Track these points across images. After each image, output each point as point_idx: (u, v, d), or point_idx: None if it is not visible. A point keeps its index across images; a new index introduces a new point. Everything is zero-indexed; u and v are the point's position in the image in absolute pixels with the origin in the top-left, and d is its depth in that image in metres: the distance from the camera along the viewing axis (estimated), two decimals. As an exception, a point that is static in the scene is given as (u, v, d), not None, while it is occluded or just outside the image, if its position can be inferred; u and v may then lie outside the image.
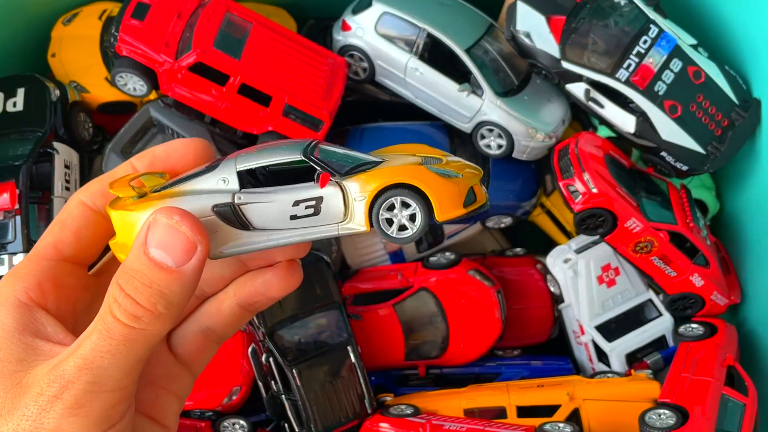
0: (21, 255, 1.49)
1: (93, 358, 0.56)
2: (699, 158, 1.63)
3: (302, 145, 0.67)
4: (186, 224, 0.57)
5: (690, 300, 1.70)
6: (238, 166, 0.66)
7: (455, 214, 0.66)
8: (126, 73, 1.63)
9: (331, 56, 1.73)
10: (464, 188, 0.66)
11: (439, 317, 1.71)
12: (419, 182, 0.65)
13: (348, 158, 0.69)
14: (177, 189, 0.66)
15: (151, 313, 0.56)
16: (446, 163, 0.70)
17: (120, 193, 0.65)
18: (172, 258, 0.57)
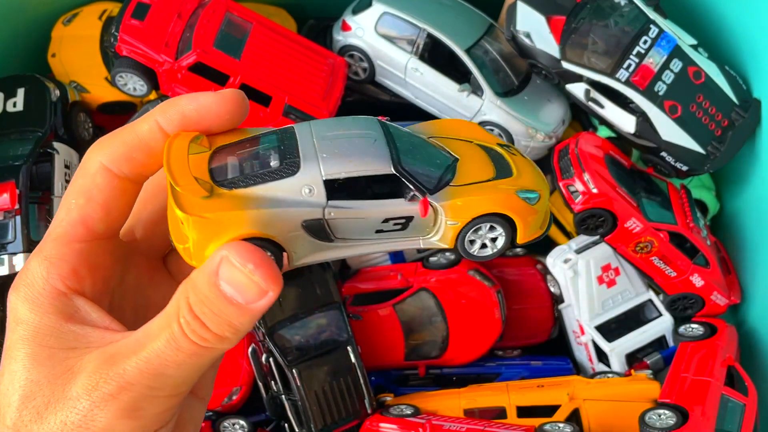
0: (21, 255, 1.49)
1: (158, 364, 0.55)
2: (699, 158, 1.63)
3: (387, 149, 0.64)
4: (260, 275, 0.55)
5: (690, 300, 1.70)
6: (324, 172, 0.61)
7: (534, 237, 0.69)
8: (126, 73, 1.63)
9: (331, 56, 1.73)
10: (544, 213, 0.69)
11: (439, 317, 1.71)
12: (512, 213, 0.67)
13: (424, 154, 0.67)
14: (255, 193, 0.61)
15: (218, 337, 0.56)
16: (518, 171, 0.70)
17: (190, 192, 0.59)
18: (242, 297, 0.55)
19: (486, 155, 0.71)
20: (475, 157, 0.70)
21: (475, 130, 0.75)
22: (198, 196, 0.59)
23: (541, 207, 0.68)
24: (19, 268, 1.48)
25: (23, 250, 1.49)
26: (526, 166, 0.71)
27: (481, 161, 0.70)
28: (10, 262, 1.49)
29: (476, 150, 0.71)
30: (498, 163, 0.71)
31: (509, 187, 0.68)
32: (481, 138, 0.73)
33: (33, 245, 1.50)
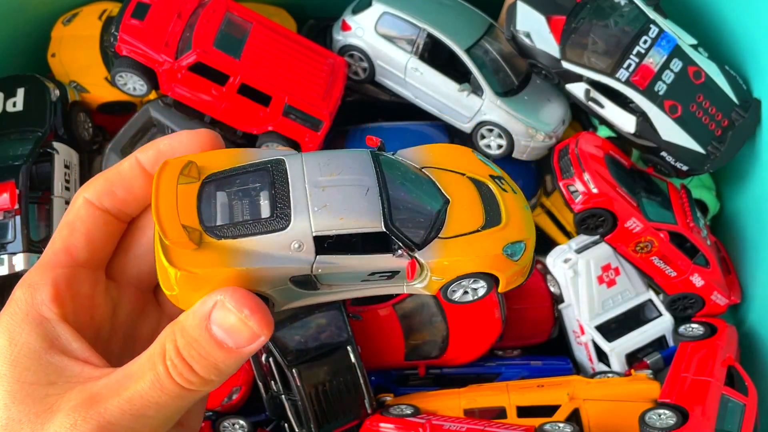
0: (21, 255, 1.49)
1: (140, 405, 0.56)
2: (699, 158, 1.63)
3: (379, 205, 0.63)
4: (255, 320, 0.57)
5: (690, 300, 1.70)
6: (315, 229, 0.61)
7: (514, 286, 0.70)
8: (126, 73, 1.63)
9: (331, 56, 1.73)
10: (528, 266, 0.70)
11: (439, 317, 1.71)
12: (497, 272, 0.68)
13: (416, 194, 0.67)
14: (243, 246, 0.60)
15: (204, 380, 0.57)
16: (506, 218, 0.69)
17: (177, 242, 0.59)
18: (233, 341, 0.56)
19: (477, 195, 0.71)
20: (466, 198, 0.70)
21: (468, 158, 0.75)
22: (187, 249, 0.59)
23: (524, 261, 0.69)
24: (18, 267, 1.48)
25: (23, 250, 1.49)
26: (516, 210, 0.71)
27: (472, 205, 0.70)
28: (9, 262, 1.49)
29: (468, 188, 0.71)
30: (488, 205, 0.70)
31: (496, 244, 0.68)
32: (474, 169, 0.73)
33: (33, 245, 1.50)
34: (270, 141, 1.68)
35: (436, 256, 0.65)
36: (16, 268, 1.48)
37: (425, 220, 0.66)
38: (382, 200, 0.64)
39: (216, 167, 0.64)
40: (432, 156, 0.73)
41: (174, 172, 0.62)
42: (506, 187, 0.73)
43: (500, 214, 0.70)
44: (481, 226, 0.68)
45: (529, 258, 0.69)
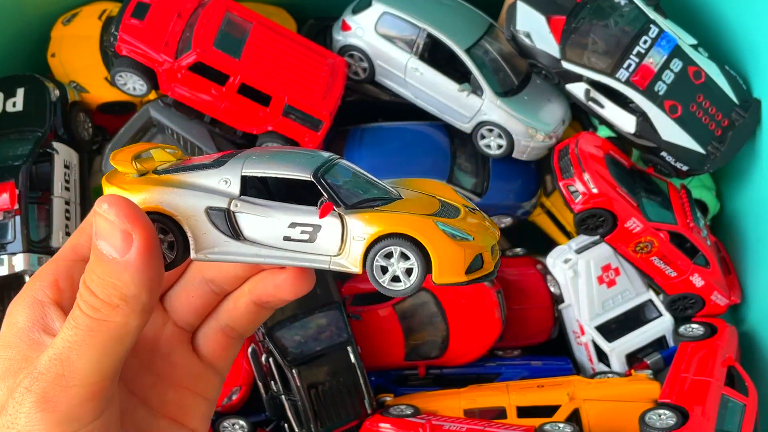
0: (21, 255, 1.49)
1: (62, 349, 0.55)
2: (699, 158, 1.63)
3: (317, 163, 0.64)
4: (114, 213, 0.55)
5: (690, 300, 1.70)
6: (245, 169, 0.63)
7: (454, 281, 0.62)
8: (126, 73, 1.63)
9: (331, 56, 1.73)
10: (471, 254, 0.62)
11: (439, 317, 1.71)
12: (423, 238, 0.61)
13: (363, 186, 0.65)
14: (178, 177, 0.64)
15: (107, 305, 0.55)
16: (462, 218, 0.65)
17: (121, 167, 0.64)
18: (114, 249, 0.55)
19: (439, 204, 0.66)
20: (425, 202, 0.66)
21: (445, 190, 0.70)
22: (129, 173, 0.63)
23: (468, 245, 0.62)
24: (18, 268, 1.48)
25: (23, 250, 1.49)
26: (479, 223, 0.66)
27: (428, 204, 0.66)
28: (9, 262, 1.49)
29: (432, 200, 0.67)
30: (446, 208, 0.66)
31: (434, 209, 0.64)
32: (449, 197, 0.69)
33: (32, 245, 1.50)
34: (270, 141, 1.68)
35: (360, 216, 0.61)
36: (15, 268, 1.48)
37: (364, 194, 0.64)
38: (322, 163, 0.63)
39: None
40: (408, 182, 0.70)
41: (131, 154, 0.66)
42: (477, 214, 0.68)
43: (458, 214, 0.65)
44: (429, 214, 0.64)
45: (475, 249, 0.62)
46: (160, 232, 0.63)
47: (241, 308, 0.69)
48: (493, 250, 0.65)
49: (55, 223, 1.57)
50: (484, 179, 1.81)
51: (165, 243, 0.63)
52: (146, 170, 0.64)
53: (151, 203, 0.62)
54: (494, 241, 0.65)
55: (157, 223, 0.62)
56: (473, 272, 0.62)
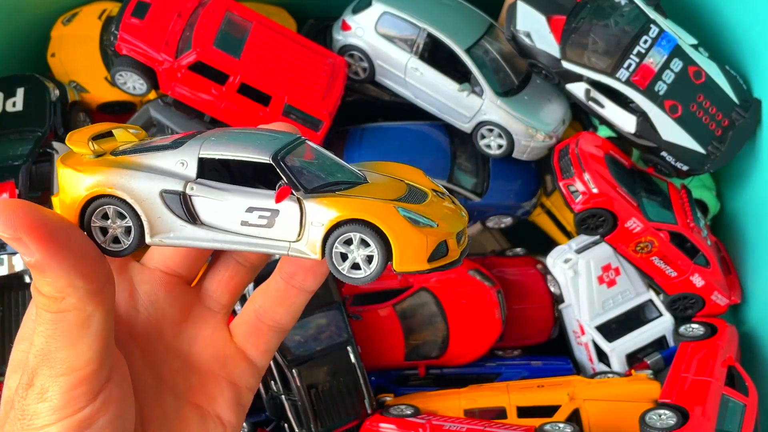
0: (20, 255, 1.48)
1: (42, 345, 0.57)
2: (699, 158, 1.63)
3: (278, 145, 0.61)
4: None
5: (690, 300, 1.70)
6: (202, 151, 0.61)
7: (416, 269, 0.60)
8: (126, 72, 1.63)
9: (331, 56, 1.73)
10: (434, 241, 0.59)
11: (439, 317, 1.71)
12: (383, 224, 0.58)
13: (327, 169, 0.63)
14: (134, 159, 0.62)
15: (52, 299, 0.57)
16: (429, 203, 0.63)
17: (77, 147, 0.62)
18: (24, 255, 0.56)
19: (406, 188, 0.64)
20: (391, 186, 0.64)
21: (415, 173, 0.69)
22: (85, 154, 0.62)
23: (431, 232, 0.59)
24: (18, 267, 1.48)
25: (22, 250, 1.48)
26: (446, 207, 0.63)
27: (394, 189, 0.63)
28: (9, 262, 1.49)
29: (399, 185, 0.65)
30: (413, 193, 0.64)
31: (395, 204, 0.60)
32: (419, 181, 0.67)
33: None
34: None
35: (319, 201, 0.59)
36: (16, 268, 1.48)
37: (326, 177, 0.61)
38: (283, 146, 0.61)
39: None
40: (376, 165, 0.69)
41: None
42: (447, 200, 0.66)
43: (425, 199, 0.63)
44: (393, 199, 0.61)
45: (438, 236, 0.59)
46: (116, 216, 0.62)
47: (272, 287, 0.69)
48: (460, 237, 0.63)
49: (55, 223, 1.57)
50: (484, 179, 1.81)
51: (121, 228, 0.62)
52: (103, 151, 0.63)
53: (105, 186, 0.61)
54: (462, 227, 0.63)
55: (111, 206, 0.61)
56: (436, 260, 0.60)
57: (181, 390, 0.67)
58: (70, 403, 0.57)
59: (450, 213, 0.63)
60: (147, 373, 0.66)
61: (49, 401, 0.57)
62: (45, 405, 0.57)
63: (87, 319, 0.57)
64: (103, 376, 0.59)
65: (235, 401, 0.69)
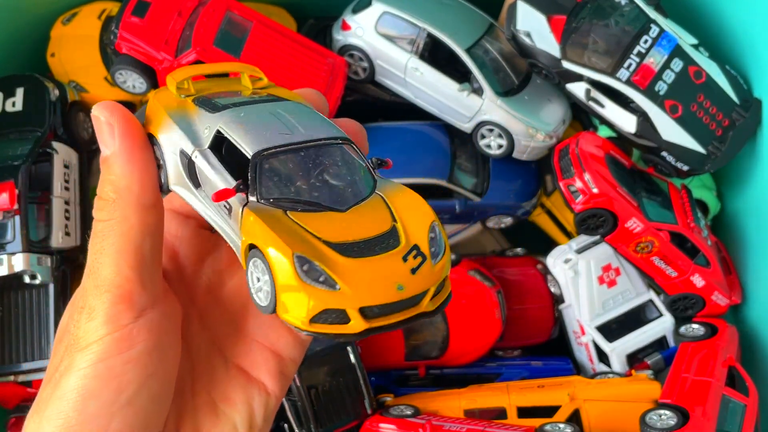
0: (20, 255, 1.48)
1: (91, 263, 0.60)
2: (700, 158, 1.63)
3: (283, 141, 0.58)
4: (99, 110, 0.61)
5: (691, 300, 1.70)
6: (221, 123, 0.59)
7: (294, 324, 0.54)
8: (125, 71, 1.63)
9: (331, 56, 1.73)
10: (318, 306, 0.52)
11: (439, 317, 1.71)
12: (272, 264, 0.52)
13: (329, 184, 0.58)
14: (188, 110, 0.63)
15: (106, 201, 0.60)
16: (379, 258, 0.54)
17: (170, 83, 0.65)
18: (106, 147, 0.60)
19: (384, 230, 0.57)
20: (372, 222, 0.57)
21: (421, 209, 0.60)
22: (173, 91, 0.65)
23: (321, 296, 0.52)
24: (18, 268, 1.48)
25: (22, 250, 1.48)
26: (402, 274, 0.54)
27: (366, 226, 0.56)
28: (9, 262, 1.48)
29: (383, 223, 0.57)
30: (382, 239, 0.56)
31: (302, 247, 0.53)
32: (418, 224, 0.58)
33: (32, 245, 1.50)
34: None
35: (248, 216, 0.55)
36: (15, 269, 1.48)
37: (294, 193, 0.56)
38: (296, 143, 0.58)
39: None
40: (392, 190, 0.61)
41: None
42: (427, 261, 0.56)
43: (374, 254, 0.55)
44: (324, 240, 0.54)
45: (329, 303, 0.52)
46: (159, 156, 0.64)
47: None
48: (390, 309, 0.53)
49: (55, 223, 1.57)
50: (484, 179, 1.81)
51: (162, 167, 0.64)
52: (190, 93, 0.64)
53: (156, 127, 0.63)
54: (399, 299, 0.54)
55: (154, 146, 0.64)
56: (325, 324, 0.53)
57: (230, 354, 0.69)
58: (112, 319, 0.58)
59: (393, 280, 0.53)
60: (203, 335, 0.69)
61: (95, 319, 0.58)
62: (92, 324, 0.58)
63: (129, 230, 0.59)
64: (145, 300, 0.60)
65: (279, 370, 0.69)
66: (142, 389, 0.59)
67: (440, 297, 0.56)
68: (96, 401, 0.57)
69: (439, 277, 0.55)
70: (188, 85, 0.65)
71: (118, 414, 0.58)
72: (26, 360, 1.53)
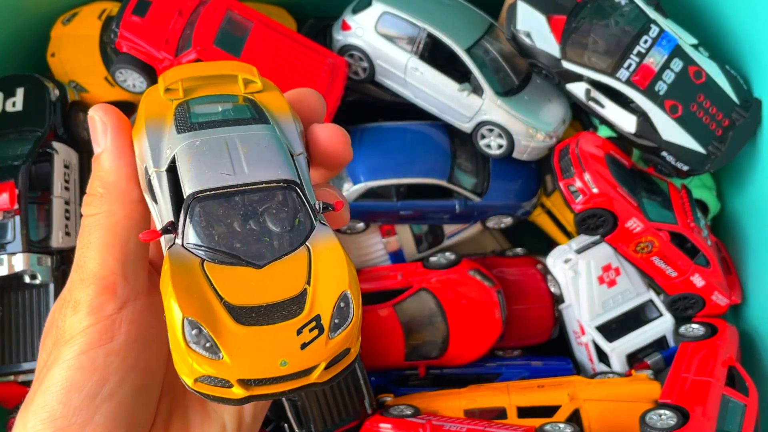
0: (20, 255, 1.48)
1: (78, 257, 0.62)
2: (700, 158, 1.63)
3: (222, 183, 0.56)
4: (94, 110, 0.64)
5: (691, 300, 1.70)
6: (178, 149, 0.59)
7: (183, 378, 0.54)
8: (126, 69, 1.63)
9: (331, 56, 1.73)
10: (199, 372, 0.52)
11: (439, 317, 1.71)
12: (166, 316, 0.53)
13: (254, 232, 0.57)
14: (164, 119, 0.62)
15: (94, 196, 0.62)
16: (271, 329, 0.52)
17: (160, 85, 0.65)
18: (98, 145, 0.64)
19: (292, 294, 0.54)
20: (284, 281, 0.55)
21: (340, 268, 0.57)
22: (161, 92, 0.65)
23: (204, 363, 0.51)
24: (18, 268, 1.48)
25: (22, 250, 1.48)
26: (289, 349, 0.52)
27: (275, 288, 0.54)
28: (9, 262, 1.48)
29: (296, 285, 0.55)
30: (286, 305, 0.54)
31: (192, 314, 0.52)
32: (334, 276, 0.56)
33: (32, 245, 1.50)
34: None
35: (166, 261, 0.55)
36: (15, 269, 1.48)
37: (213, 239, 0.55)
38: (227, 187, 0.57)
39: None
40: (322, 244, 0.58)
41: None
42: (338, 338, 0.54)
43: (299, 311, 0.53)
44: (223, 299, 0.53)
45: (211, 370, 0.51)
46: None
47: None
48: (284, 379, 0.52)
49: (55, 223, 1.57)
50: (484, 179, 1.81)
51: None
52: (176, 97, 0.64)
53: (134, 134, 0.64)
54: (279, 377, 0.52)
55: None
56: (209, 386, 0.52)
57: None
58: (95, 310, 0.59)
59: (278, 355, 0.52)
60: None
61: (79, 312, 0.59)
62: (76, 316, 0.60)
63: (115, 224, 0.61)
64: (128, 292, 0.61)
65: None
66: (124, 381, 0.60)
67: (338, 367, 0.54)
68: (79, 393, 0.58)
69: (334, 351, 0.53)
70: (178, 86, 0.65)
71: (101, 406, 0.58)
72: (26, 360, 1.53)
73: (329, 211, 0.60)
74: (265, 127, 0.61)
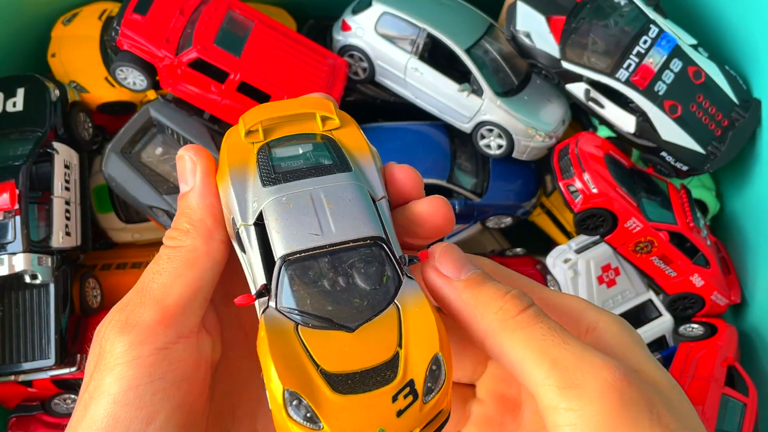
0: (21, 255, 1.48)
1: (143, 280, 0.60)
2: (699, 158, 1.63)
3: (305, 246, 0.55)
4: (185, 149, 0.64)
5: (690, 300, 1.70)
6: (266, 205, 0.57)
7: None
8: (126, 68, 1.64)
9: (331, 56, 1.73)
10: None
11: (439, 317, 1.71)
12: (267, 386, 0.52)
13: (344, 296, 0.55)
14: (248, 167, 0.61)
15: (180, 231, 0.61)
16: (368, 396, 0.52)
17: (241, 129, 0.64)
18: (186, 184, 0.63)
19: (384, 359, 0.53)
20: (374, 346, 0.54)
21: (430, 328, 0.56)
22: (242, 134, 0.64)
23: (302, 430, 0.50)
24: (18, 268, 1.48)
25: (23, 250, 1.48)
26: (386, 417, 0.52)
27: (367, 353, 0.53)
28: (9, 262, 1.48)
29: (387, 351, 0.54)
30: (380, 370, 0.54)
31: (292, 386, 0.51)
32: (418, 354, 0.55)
33: (32, 245, 1.50)
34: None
35: (261, 328, 0.55)
36: (15, 269, 1.48)
37: (305, 307, 0.55)
38: (320, 248, 0.56)
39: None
40: (411, 301, 0.58)
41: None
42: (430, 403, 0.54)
43: (393, 377, 0.52)
44: (320, 367, 0.54)
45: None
46: None
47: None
48: None
49: (55, 223, 1.57)
50: (484, 179, 1.81)
51: None
52: (257, 140, 0.63)
53: (219, 180, 0.63)
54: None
55: None
56: None
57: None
58: (148, 338, 0.56)
59: (376, 424, 0.51)
60: (244, 361, 0.67)
61: (129, 334, 0.56)
62: (125, 338, 0.56)
63: (195, 259, 0.60)
64: (184, 327, 0.59)
65: None
66: (169, 422, 0.57)
67: (431, 427, 0.54)
68: (125, 431, 0.55)
69: (429, 417, 0.53)
70: (258, 128, 0.64)
71: None
72: (26, 360, 1.53)
73: (414, 263, 0.59)
74: (347, 176, 0.60)
